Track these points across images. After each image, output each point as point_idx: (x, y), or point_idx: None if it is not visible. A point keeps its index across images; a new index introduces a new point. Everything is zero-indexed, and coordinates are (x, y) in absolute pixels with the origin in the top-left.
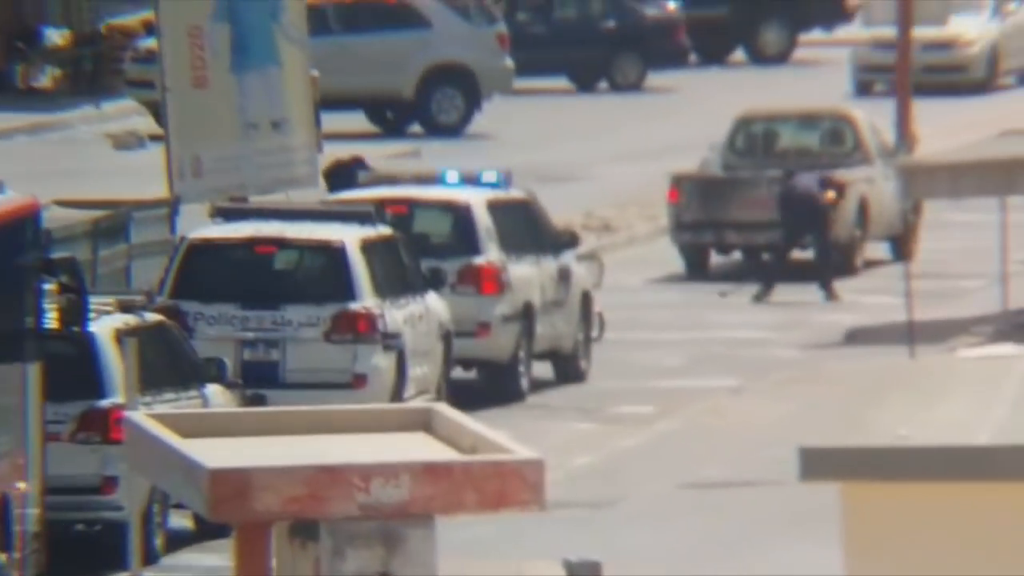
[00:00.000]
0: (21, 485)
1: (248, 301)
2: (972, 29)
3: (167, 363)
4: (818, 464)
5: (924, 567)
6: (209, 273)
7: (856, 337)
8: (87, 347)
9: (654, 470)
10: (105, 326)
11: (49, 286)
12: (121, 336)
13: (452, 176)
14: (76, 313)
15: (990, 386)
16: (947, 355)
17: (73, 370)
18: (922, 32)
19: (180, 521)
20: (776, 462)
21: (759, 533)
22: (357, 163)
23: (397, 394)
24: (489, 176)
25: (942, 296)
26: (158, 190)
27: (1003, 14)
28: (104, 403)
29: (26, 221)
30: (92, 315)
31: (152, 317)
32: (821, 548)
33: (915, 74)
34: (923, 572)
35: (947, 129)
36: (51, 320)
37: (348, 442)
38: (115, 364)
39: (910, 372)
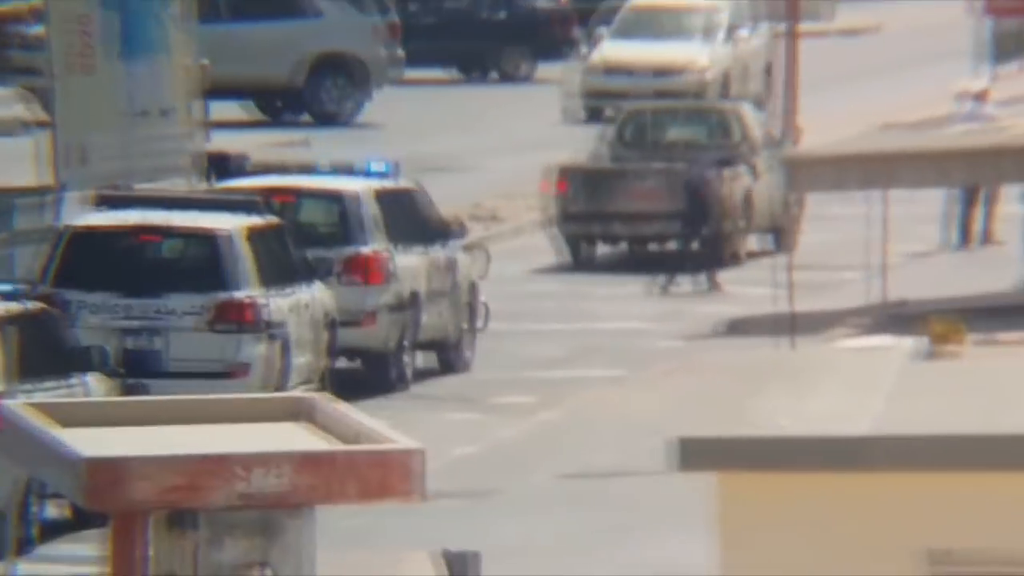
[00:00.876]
0: None
1: (130, 289)
2: (705, 55)
3: (49, 351)
4: (695, 454)
5: (800, 557)
6: (92, 261)
7: (737, 328)
8: None
9: (535, 460)
10: None
11: None
12: (1, 324)
13: (324, 165)
14: None
15: (867, 377)
16: (825, 346)
17: None
18: (653, 57)
19: (58, 511)
20: (656, 452)
21: (639, 523)
22: (240, 158)
23: (280, 383)
24: (378, 165)
25: (822, 288)
26: (40, 178)
27: (735, 40)
28: None
29: None
30: None
31: (34, 305)
32: (700, 538)
33: (646, 100)
34: (799, 562)
35: (829, 123)
36: None
37: (229, 431)
38: None
39: (789, 363)
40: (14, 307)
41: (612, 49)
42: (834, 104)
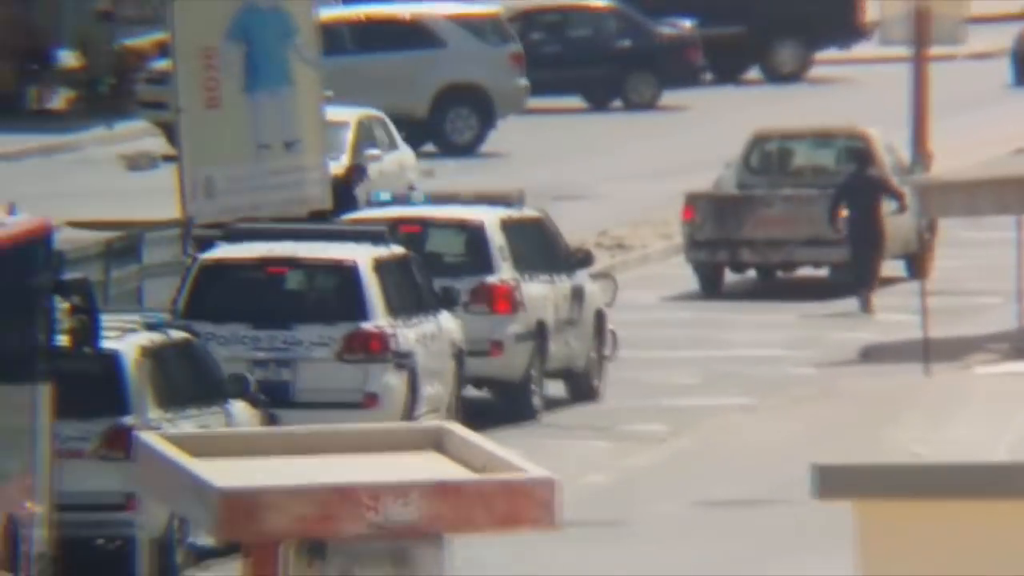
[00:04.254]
0: (29, 505)
1: (259, 321)
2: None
3: (191, 380)
4: (833, 482)
5: None
6: (221, 293)
7: (871, 355)
8: (112, 365)
9: (667, 489)
10: (130, 344)
11: (61, 307)
12: (146, 354)
13: (385, 195)
14: (88, 333)
15: (1006, 403)
16: (962, 372)
17: (98, 388)
18: None
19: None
20: (790, 480)
21: (772, 552)
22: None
23: (409, 413)
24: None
25: (957, 314)
26: (170, 211)
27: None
28: (127, 420)
29: (39, 242)
30: (116, 333)
31: (177, 334)
32: (834, 567)
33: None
34: None
35: (961, 147)
36: (63, 340)
37: (359, 461)
38: (139, 381)
39: (925, 390)
40: (158, 337)
41: None
42: (966, 129)
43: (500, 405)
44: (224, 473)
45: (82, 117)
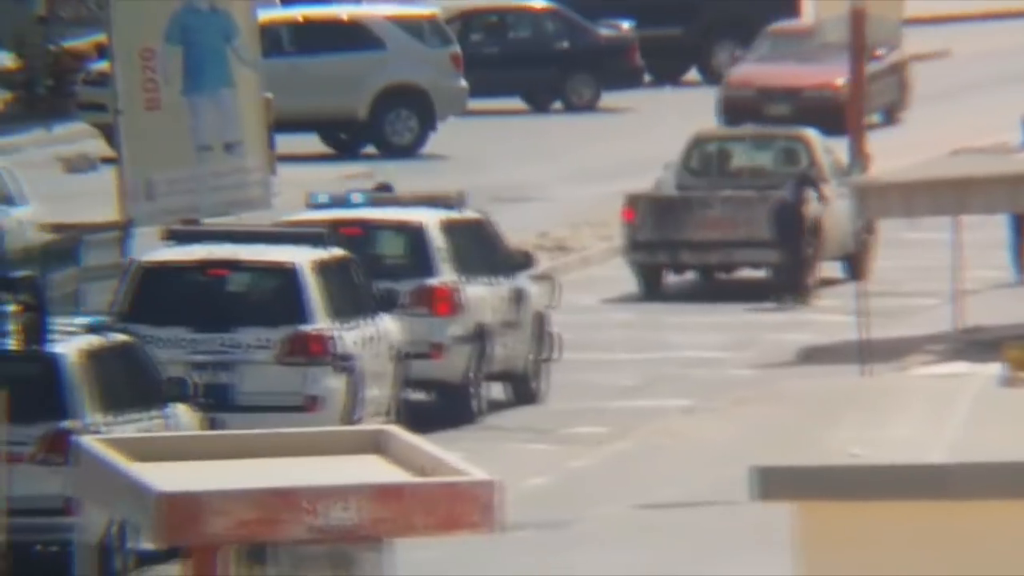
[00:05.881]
0: None
1: (200, 324)
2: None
3: (132, 383)
4: (774, 483)
5: None
6: (161, 296)
7: (811, 356)
8: (52, 368)
9: (608, 491)
10: (71, 347)
11: (10, 306)
12: (87, 357)
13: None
14: (37, 332)
15: (943, 404)
16: (901, 374)
17: (38, 391)
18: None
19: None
20: (730, 482)
21: (712, 553)
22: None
23: (350, 416)
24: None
25: (895, 315)
26: (109, 213)
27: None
28: (68, 424)
29: None
30: (57, 336)
31: (118, 337)
32: (774, 567)
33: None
34: None
35: (899, 149)
36: (12, 339)
37: (300, 465)
38: (80, 385)
39: (864, 391)
40: (99, 340)
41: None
42: (904, 130)
43: (441, 408)
44: (165, 477)
45: (20, 119)
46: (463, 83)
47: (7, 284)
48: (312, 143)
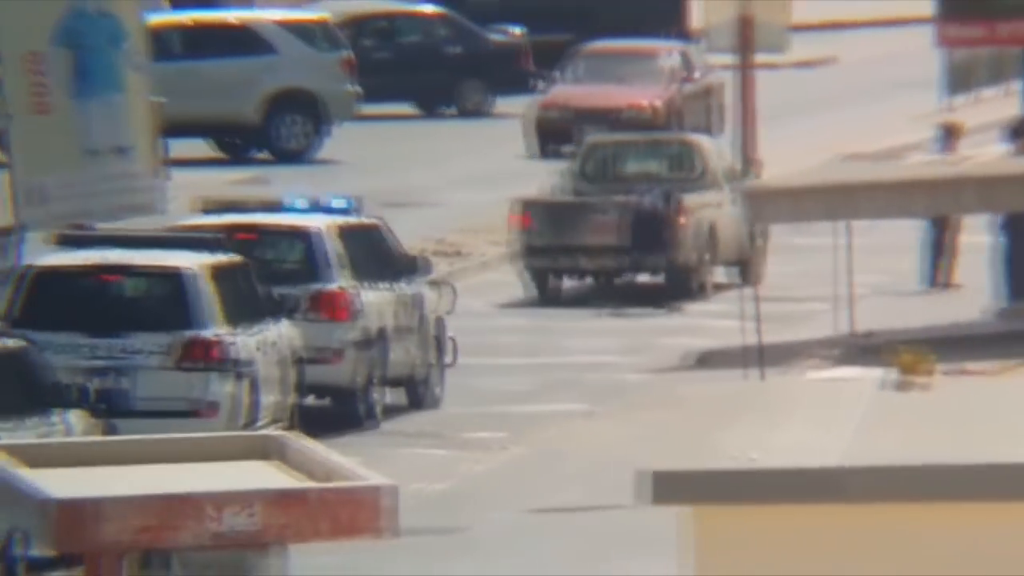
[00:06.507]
0: None
1: (95, 329)
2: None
3: (28, 388)
4: (668, 487)
5: None
6: (55, 301)
7: (705, 360)
8: None
9: (505, 496)
10: None
11: None
12: None
13: (301, 202)
14: None
15: (837, 408)
16: (794, 378)
17: None
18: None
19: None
20: (626, 486)
21: (608, 557)
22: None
23: (249, 422)
24: (339, 202)
25: (790, 319)
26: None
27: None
28: None
29: None
30: None
31: (13, 341)
32: (670, 571)
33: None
34: None
35: (789, 155)
36: None
37: (199, 471)
38: None
39: (758, 395)
40: None
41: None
42: (793, 136)
43: (340, 413)
44: (58, 483)
45: None
46: (355, 88)
47: None
48: (204, 148)
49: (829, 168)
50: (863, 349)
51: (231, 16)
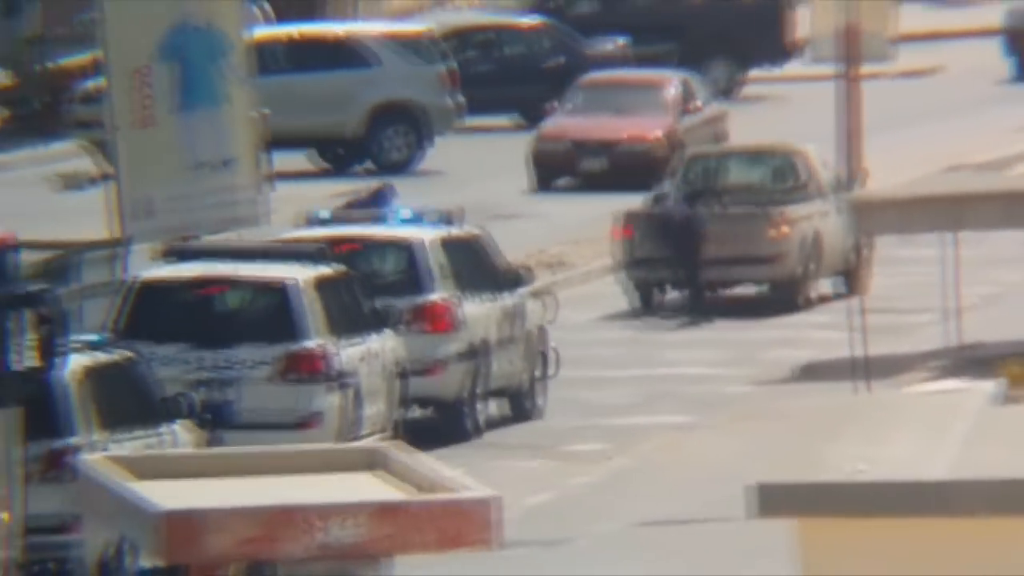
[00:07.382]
0: (4, 516)
1: (200, 341)
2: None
3: (135, 400)
4: (776, 500)
5: None
6: (160, 313)
7: (810, 372)
8: (51, 386)
9: (608, 508)
10: (71, 364)
11: (29, 318)
12: (89, 374)
13: (405, 213)
14: (53, 346)
15: (943, 421)
16: (901, 390)
17: (40, 408)
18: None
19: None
20: (730, 499)
21: (713, 571)
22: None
23: (351, 433)
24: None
25: (896, 331)
26: (99, 231)
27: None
28: (70, 441)
29: (4, 255)
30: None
31: (120, 354)
32: None
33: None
34: None
35: (894, 165)
36: (30, 355)
37: (304, 482)
38: (82, 402)
39: (863, 407)
40: (101, 357)
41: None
42: (898, 147)
43: (442, 425)
44: (166, 494)
45: (14, 137)
46: (458, 99)
47: (28, 297)
48: (305, 161)
49: (936, 179)
50: (971, 361)
51: (335, 29)
